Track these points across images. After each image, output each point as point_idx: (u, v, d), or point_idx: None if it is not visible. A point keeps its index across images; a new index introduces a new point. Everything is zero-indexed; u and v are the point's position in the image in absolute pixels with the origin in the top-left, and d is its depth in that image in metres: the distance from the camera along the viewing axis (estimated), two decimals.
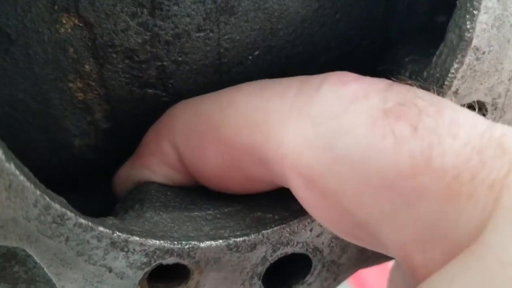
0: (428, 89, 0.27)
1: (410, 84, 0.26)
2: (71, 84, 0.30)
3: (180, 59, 0.31)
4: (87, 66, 0.30)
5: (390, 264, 0.33)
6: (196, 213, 0.31)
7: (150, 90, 0.32)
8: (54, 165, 0.34)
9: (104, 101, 0.32)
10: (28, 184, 0.23)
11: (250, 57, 0.33)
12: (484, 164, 0.21)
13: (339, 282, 0.34)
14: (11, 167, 0.22)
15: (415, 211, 0.22)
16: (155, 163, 0.32)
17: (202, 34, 0.31)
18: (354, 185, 0.24)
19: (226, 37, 0.32)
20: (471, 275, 0.20)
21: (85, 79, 0.30)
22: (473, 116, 0.24)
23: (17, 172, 0.22)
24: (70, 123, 0.32)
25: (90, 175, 0.37)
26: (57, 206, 0.24)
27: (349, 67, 0.31)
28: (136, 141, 0.35)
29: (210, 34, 0.31)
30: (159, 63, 0.31)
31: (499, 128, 0.22)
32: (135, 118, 0.34)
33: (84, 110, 0.32)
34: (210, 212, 0.31)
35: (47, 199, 0.24)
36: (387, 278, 0.32)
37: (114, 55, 0.30)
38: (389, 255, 0.28)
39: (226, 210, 0.31)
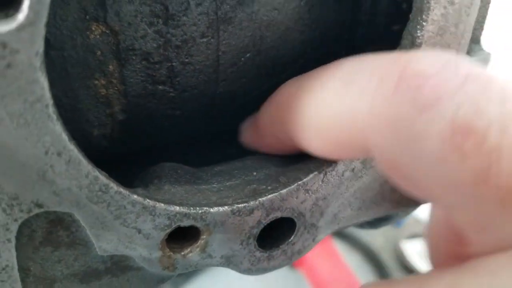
0: None
1: None
2: (96, 82, 0.36)
3: (186, 60, 0.38)
4: (110, 66, 0.36)
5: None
6: (203, 186, 0.37)
7: (160, 87, 0.38)
8: None
9: (122, 96, 0.38)
10: (82, 159, 0.29)
11: (242, 59, 0.40)
12: None
13: (316, 242, 0.42)
14: (71, 145, 0.28)
15: None
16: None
17: (205, 39, 0.38)
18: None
19: (224, 42, 0.38)
20: None
21: (108, 77, 0.36)
22: None
23: (76, 149, 0.28)
24: (92, 115, 0.38)
25: (102, 162, 0.43)
26: (103, 177, 0.30)
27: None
28: (145, 131, 0.41)
29: (211, 40, 0.38)
30: (169, 64, 0.38)
31: None
32: (145, 111, 0.40)
33: (105, 103, 0.38)
34: (214, 185, 0.38)
35: (96, 171, 0.30)
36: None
37: (134, 57, 0.36)
38: None
39: (227, 184, 0.38)
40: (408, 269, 2.13)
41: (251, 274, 0.40)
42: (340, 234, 2.23)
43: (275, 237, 0.41)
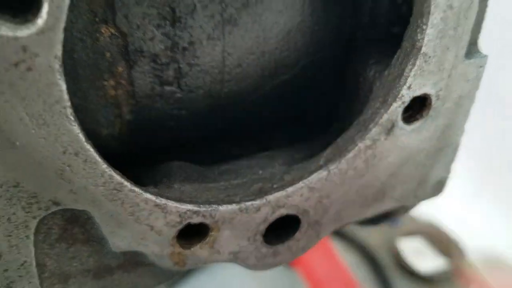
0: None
1: None
2: (105, 83, 0.37)
3: (193, 62, 0.39)
4: (120, 68, 0.37)
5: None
6: (211, 185, 0.38)
7: (167, 87, 0.39)
8: None
9: (130, 97, 0.39)
10: (98, 159, 0.30)
11: (247, 60, 0.41)
12: None
13: (320, 239, 0.43)
14: (87, 145, 0.29)
15: None
16: None
17: (211, 41, 0.39)
18: None
19: (229, 44, 0.39)
20: None
21: (117, 78, 0.37)
22: None
23: (92, 150, 0.29)
24: (101, 115, 0.39)
25: (111, 162, 0.43)
26: (117, 176, 0.31)
27: (323, 68, 0.40)
28: (151, 131, 0.42)
29: (217, 42, 0.39)
30: (176, 65, 0.39)
31: None
32: (152, 111, 0.41)
33: (114, 104, 0.39)
34: (222, 183, 0.39)
35: (111, 170, 0.31)
36: None
37: (142, 59, 0.37)
38: None
39: (234, 182, 0.39)
40: (404, 267, 2.15)
41: (257, 270, 0.42)
42: (337, 233, 2.24)
43: (280, 234, 0.42)
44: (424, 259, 2.18)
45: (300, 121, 0.47)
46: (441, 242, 2.23)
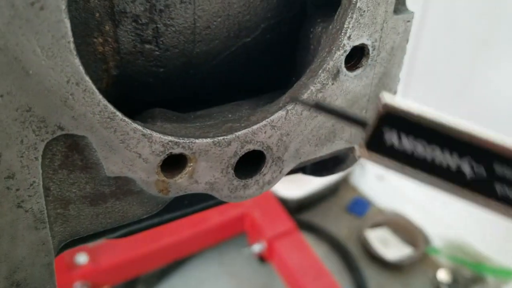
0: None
1: None
2: (95, 40, 0.43)
3: (168, 22, 0.46)
4: (107, 27, 0.43)
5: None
6: (188, 125, 0.45)
7: (147, 45, 0.46)
8: None
9: (116, 53, 0.45)
10: (95, 89, 0.36)
11: (215, 22, 0.48)
12: None
13: (283, 174, 0.50)
14: (86, 76, 0.35)
15: None
16: None
17: (183, 5, 0.46)
18: None
19: (199, 7, 0.46)
20: None
21: (105, 36, 0.44)
22: None
23: (90, 81, 0.36)
24: (92, 70, 0.45)
25: None
26: (111, 106, 0.37)
27: (281, 31, 0.47)
28: (133, 87, 0.48)
29: (189, 5, 0.46)
30: (154, 25, 0.45)
31: None
32: (134, 67, 0.47)
33: (102, 60, 0.45)
34: (197, 124, 0.46)
35: (106, 101, 0.37)
36: None
37: (125, 19, 0.44)
38: None
39: (208, 123, 0.46)
40: (372, 255, 2.25)
41: (230, 201, 0.48)
42: (308, 227, 2.33)
43: (249, 170, 0.49)
44: (390, 247, 2.28)
45: (263, 79, 0.55)
46: (406, 231, 2.35)
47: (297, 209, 2.40)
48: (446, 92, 1.98)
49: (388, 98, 0.30)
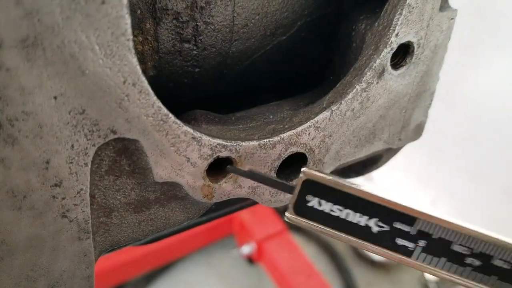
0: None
1: None
2: (134, 38, 0.41)
3: (208, 20, 0.44)
4: (147, 25, 0.41)
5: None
6: (231, 127, 0.43)
7: (186, 44, 0.44)
8: None
9: (155, 53, 0.43)
10: (151, 90, 0.34)
11: (253, 20, 0.46)
12: None
13: None
14: (143, 77, 0.33)
15: None
16: None
17: (224, 2, 0.44)
18: None
19: (239, 4, 0.45)
20: None
21: (145, 34, 0.41)
22: None
23: (146, 82, 0.33)
24: None
25: None
26: (164, 108, 0.35)
27: (318, 28, 0.46)
28: (169, 88, 0.46)
29: (229, 2, 0.44)
30: (195, 23, 0.43)
31: None
32: (172, 68, 0.45)
33: (140, 60, 0.42)
34: (240, 126, 0.44)
35: (160, 102, 0.35)
36: None
37: (166, 16, 0.42)
38: None
39: (250, 125, 0.44)
40: (360, 255, 2.26)
41: (270, 205, 0.47)
42: (297, 228, 2.32)
43: (287, 174, 0.47)
44: None
45: (298, 78, 0.53)
46: None
47: (286, 210, 2.39)
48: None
49: (308, 170, 0.37)
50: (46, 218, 0.34)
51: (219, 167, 0.42)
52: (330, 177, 0.37)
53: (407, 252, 0.37)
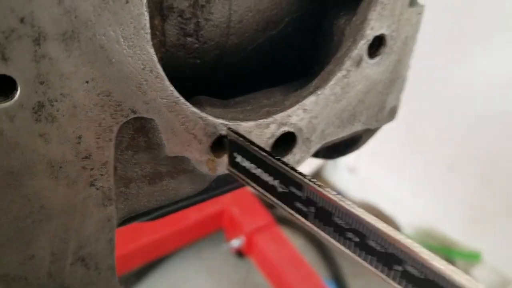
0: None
1: None
2: None
3: (208, 17, 0.50)
4: (156, 21, 0.47)
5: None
6: (231, 110, 0.50)
7: (189, 39, 0.50)
8: None
9: (162, 46, 0.49)
10: (165, 76, 0.40)
11: (247, 17, 0.53)
12: None
13: (310, 154, 0.55)
14: (158, 65, 0.39)
15: None
16: None
17: (221, 0, 0.50)
18: None
19: (235, 2, 0.51)
20: None
21: (154, 29, 0.47)
22: None
23: (161, 69, 0.39)
24: None
25: None
26: (176, 92, 0.41)
27: (304, 24, 0.52)
28: (173, 78, 0.52)
29: (226, 1, 0.50)
30: (196, 20, 0.49)
31: None
32: (176, 60, 0.51)
33: None
34: (238, 109, 0.50)
35: (172, 87, 0.41)
36: None
37: (172, 14, 0.48)
38: None
39: (248, 108, 0.51)
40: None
41: None
42: (285, 221, 2.39)
43: (280, 151, 0.54)
44: None
45: (288, 68, 0.59)
46: None
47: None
48: (410, 88, 2.08)
49: (230, 131, 0.44)
50: (77, 186, 0.40)
51: (221, 144, 0.48)
52: (242, 138, 0.42)
53: (304, 215, 0.39)
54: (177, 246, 2.19)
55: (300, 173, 0.39)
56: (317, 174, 2.64)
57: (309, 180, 0.38)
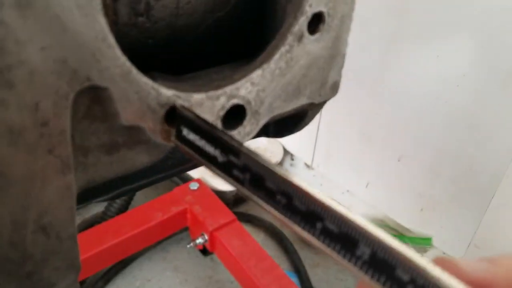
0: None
1: None
2: None
3: None
4: (108, 1, 0.50)
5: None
6: (183, 83, 0.53)
7: (140, 18, 0.53)
8: None
9: (115, 25, 0.51)
10: (117, 46, 0.43)
11: (192, 0, 0.56)
12: None
13: (259, 126, 0.59)
14: (110, 34, 0.42)
15: None
16: None
17: None
18: None
19: None
20: None
21: (106, 9, 0.50)
22: None
23: (113, 38, 0.42)
24: None
25: None
26: (129, 62, 0.44)
27: (250, 4, 0.56)
28: (128, 56, 0.55)
29: None
30: (146, 0, 0.52)
31: None
32: (128, 38, 0.54)
33: None
34: (190, 83, 0.53)
35: (125, 57, 0.44)
36: None
37: None
38: None
39: (199, 82, 0.54)
40: (305, 241, 2.38)
41: None
42: (246, 217, 2.43)
43: (232, 124, 0.57)
44: None
45: (238, 48, 0.63)
46: None
47: (235, 202, 2.49)
48: (360, 86, 2.17)
49: (181, 107, 0.48)
50: (36, 153, 0.42)
51: (175, 115, 0.51)
52: (189, 111, 0.47)
53: (241, 182, 0.41)
54: (143, 247, 2.18)
55: (238, 141, 0.42)
56: None
57: (245, 148, 0.41)
